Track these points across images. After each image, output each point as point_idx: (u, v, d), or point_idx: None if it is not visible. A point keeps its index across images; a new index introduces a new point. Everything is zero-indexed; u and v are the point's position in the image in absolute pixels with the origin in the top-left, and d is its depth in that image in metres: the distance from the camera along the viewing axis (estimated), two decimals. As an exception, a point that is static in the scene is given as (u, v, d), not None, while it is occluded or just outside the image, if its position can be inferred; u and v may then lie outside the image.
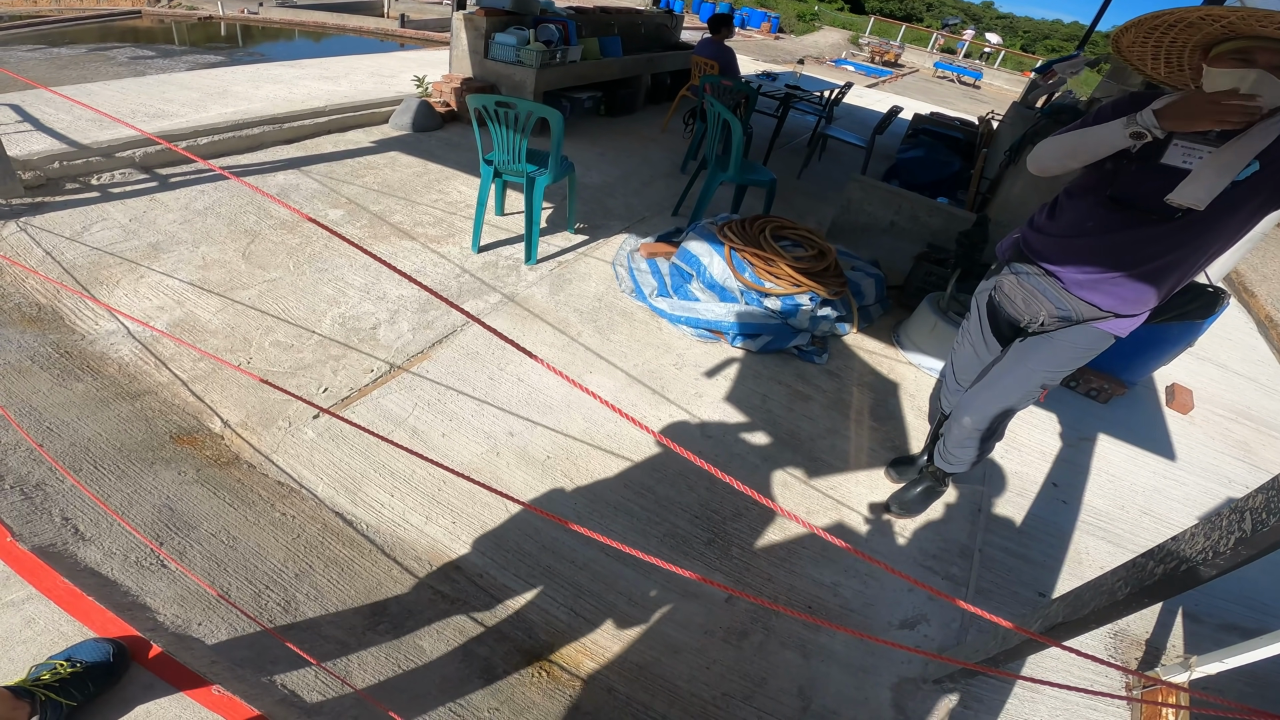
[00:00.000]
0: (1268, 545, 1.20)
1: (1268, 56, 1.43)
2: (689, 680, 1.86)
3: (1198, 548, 1.30)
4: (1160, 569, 1.37)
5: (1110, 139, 1.69)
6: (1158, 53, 1.70)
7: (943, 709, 1.92)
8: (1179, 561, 1.33)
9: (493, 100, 3.15)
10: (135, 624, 1.48)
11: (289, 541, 1.93)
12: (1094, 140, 1.74)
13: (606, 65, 6.78)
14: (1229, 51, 1.51)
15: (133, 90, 4.72)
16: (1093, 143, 1.75)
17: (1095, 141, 1.74)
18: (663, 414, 2.78)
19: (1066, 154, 1.83)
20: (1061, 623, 1.59)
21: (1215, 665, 1.91)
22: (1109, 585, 1.51)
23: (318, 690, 1.54)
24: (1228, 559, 1.25)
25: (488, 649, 1.80)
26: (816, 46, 23.25)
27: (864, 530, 2.48)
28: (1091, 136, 1.75)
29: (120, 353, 2.54)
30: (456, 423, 2.50)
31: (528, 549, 2.10)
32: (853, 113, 10.29)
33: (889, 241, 4.52)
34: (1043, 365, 2.07)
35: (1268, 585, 2.66)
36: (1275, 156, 1.53)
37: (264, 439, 2.28)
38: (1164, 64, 1.73)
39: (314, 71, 6.09)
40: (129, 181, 3.73)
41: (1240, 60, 1.48)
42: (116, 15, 11.89)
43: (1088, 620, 1.54)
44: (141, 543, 1.74)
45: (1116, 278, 1.83)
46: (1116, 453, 3.30)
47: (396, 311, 3.03)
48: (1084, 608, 1.54)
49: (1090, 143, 1.76)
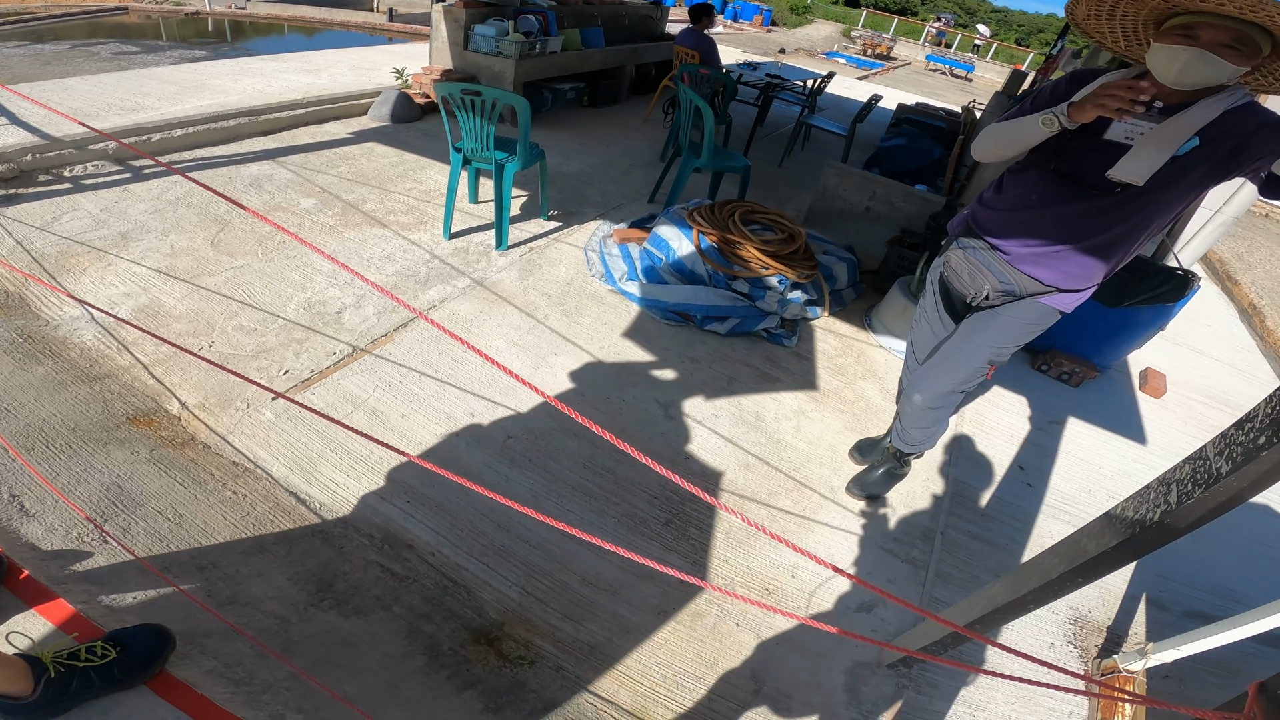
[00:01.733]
0: (1194, 518, 1.16)
1: (1211, 33, 1.43)
2: (640, 661, 1.86)
3: (1127, 521, 1.27)
4: (1093, 545, 1.34)
5: (1032, 131, 1.72)
6: (1114, 25, 1.71)
7: (896, 694, 1.91)
8: (1111, 537, 1.30)
9: (459, 88, 3.15)
10: (68, 597, 1.48)
11: (238, 519, 1.93)
12: (1018, 132, 1.77)
13: (589, 56, 6.77)
14: (1175, 27, 1.50)
15: (110, 85, 4.71)
16: (1016, 134, 1.78)
17: (1019, 133, 1.77)
18: (626, 396, 2.79)
19: (999, 143, 1.86)
20: (1003, 605, 1.56)
21: (1170, 653, 1.89)
22: (1046, 564, 1.48)
23: (249, 662, 1.55)
24: (1155, 533, 1.21)
25: (434, 626, 1.81)
26: (809, 39, 23.23)
27: (826, 513, 2.48)
28: (1015, 129, 1.78)
29: (83, 337, 2.54)
30: (417, 404, 2.50)
31: (483, 528, 2.10)
32: (841, 104, 10.30)
33: (864, 227, 4.53)
34: (989, 341, 2.07)
35: (1234, 571, 2.67)
36: (1214, 133, 1.54)
37: (221, 420, 2.28)
38: (1122, 37, 1.73)
39: (295, 65, 6.07)
40: (101, 173, 3.73)
41: (1184, 37, 1.48)
42: (103, 11, 11.83)
43: (1026, 601, 1.51)
44: (84, 519, 1.75)
45: (1060, 251, 1.84)
46: (1086, 436, 3.31)
47: (363, 296, 3.03)
48: (1023, 587, 1.52)
49: (1015, 134, 1.79)
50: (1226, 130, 1.52)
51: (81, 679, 1.29)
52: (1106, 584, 2.45)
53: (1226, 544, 2.80)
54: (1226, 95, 1.53)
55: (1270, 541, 2.91)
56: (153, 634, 1.43)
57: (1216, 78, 1.47)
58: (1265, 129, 1.48)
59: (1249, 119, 1.51)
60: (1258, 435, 1.04)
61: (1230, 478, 1.07)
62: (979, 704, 1.95)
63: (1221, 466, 1.09)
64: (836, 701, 1.86)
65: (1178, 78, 1.51)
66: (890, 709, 1.87)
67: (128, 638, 1.39)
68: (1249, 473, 1.05)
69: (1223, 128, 1.52)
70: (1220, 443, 1.13)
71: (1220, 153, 1.54)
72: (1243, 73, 1.47)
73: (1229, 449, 1.10)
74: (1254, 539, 2.89)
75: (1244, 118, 1.51)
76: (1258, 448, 1.03)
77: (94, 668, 1.30)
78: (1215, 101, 1.53)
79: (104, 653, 1.33)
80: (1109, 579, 2.46)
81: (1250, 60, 1.44)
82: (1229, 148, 1.53)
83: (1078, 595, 2.36)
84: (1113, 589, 2.45)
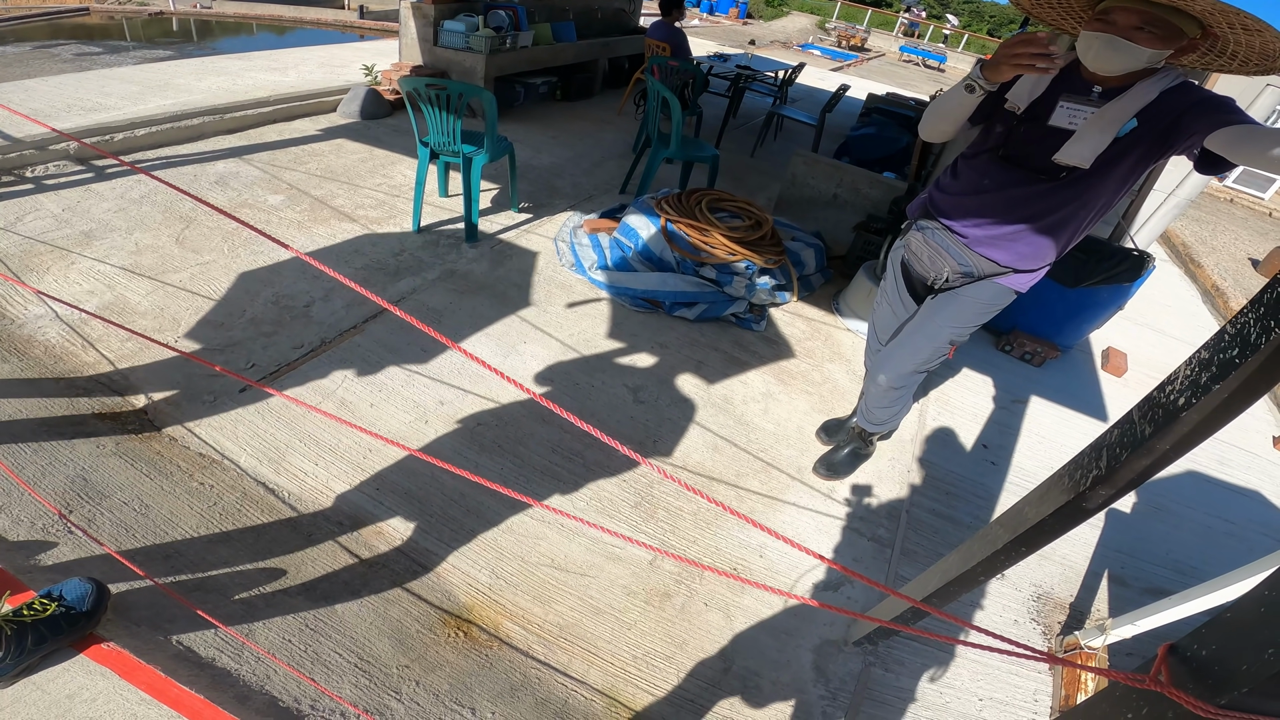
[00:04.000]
0: (1124, 482, 1.17)
1: (1124, 17, 1.50)
2: (610, 641, 1.89)
3: (1064, 488, 1.29)
4: (1034, 513, 1.36)
5: (959, 100, 1.77)
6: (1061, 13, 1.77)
7: (862, 671, 1.95)
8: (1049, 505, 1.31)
9: (423, 82, 3.15)
10: (33, 585, 1.49)
11: (204, 510, 1.94)
12: (948, 103, 1.83)
13: (561, 50, 6.77)
14: (1099, 13, 1.57)
15: (71, 86, 4.65)
16: (948, 106, 1.83)
17: (950, 104, 1.82)
18: (595, 381, 2.82)
19: (937, 117, 1.91)
20: (955, 577, 1.59)
21: (1129, 629, 1.95)
22: (993, 534, 1.51)
23: (215, 648, 1.57)
24: (1091, 500, 1.23)
25: (402, 610, 1.83)
26: (785, 31, 23.31)
27: (794, 493, 2.52)
28: (947, 100, 1.83)
29: (48, 335, 2.52)
30: (386, 393, 2.52)
31: (452, 514, 2.12)
32: (814, 94, 10.38)
33: (833, 213, 4.59)
34: (949, 321, 2.13)
35: (1193, 547, 2.74)
36: (1152, 114, 1.60)
37: (187, 413, 2.28)
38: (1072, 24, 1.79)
39: (261, 63, 6.02)
40: (64, 173, 3.68)
41: (1102, 23, 1.55)
42: (64, 13, 11.61)
43: (976, 572, 1.54)
44: (49, 510, 1.75)
45: (1013, 233, 1.89)
46: (1048, 415, 3.38)
47: (331, 289, 3.03)
48: (972, 558, 1.54)
49: (947, 106, 1.84)
50: (1162, 110, 1.58)
51: (34, 633, 1.38)
52: (1069, 561, 2.51)
53: (1187, 519, 2.88)
54: (1161, 77, 1.60)
55: (1230, 516, 2.98)
56: (82, 584, 1.50)
57: (1133, 62, 1.53)
58: (1197, 107, 1.53)
59: (1183, 98, 1.57)
60: (1177, 397, 1.06)
61: (1153, 440, 1.09)
62: (946, 681, 1.99)
63: (1145, 429, 1.11)
64: (805, 679, 1.90)
65: (1095, 63, 1.60)
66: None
67: (60, 591, 1.47)
68: (1170, 434, 1.07)
69: (1159, 108, 1.58)
70: (1145, 406, 1.15)
71: (1156, 132, 1.60)
72: (1165, 55, 1.53)
73: (1152, 411, 1.11)
74: (1214, 514, 2.97)
75: (1178, 98, 1.57)
76: (1177, 409, 1.05)
77: (41, 620, 1.39)
78: (1151, 84, 1.60)
79: (43, 606, 1.41)
80: (1071, 556, 2.53)
81: (1168, 42, 1.50)
82: (1164, 127, 1.59)
83: (1040, 572, 2.43)
84: (1075, 566, 2.51)
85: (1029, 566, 2.39)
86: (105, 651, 1.45)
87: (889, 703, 1.90)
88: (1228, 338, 0.97)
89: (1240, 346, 0.94)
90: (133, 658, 1.43)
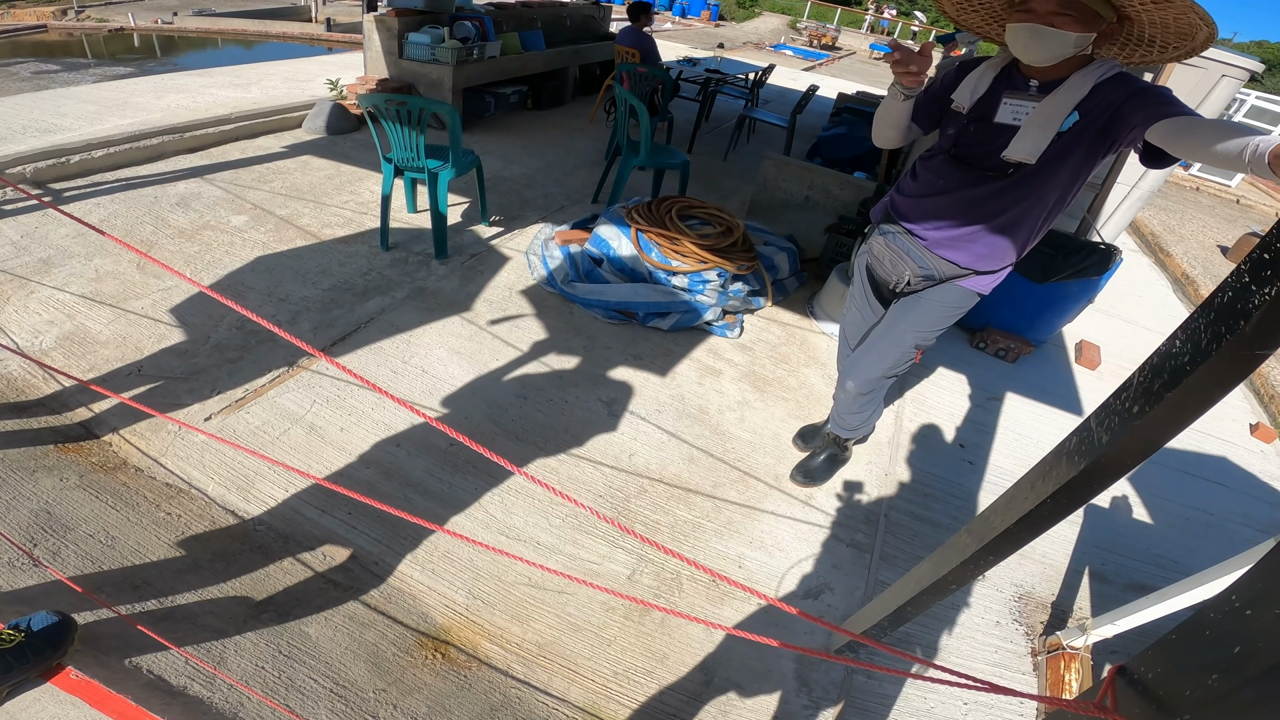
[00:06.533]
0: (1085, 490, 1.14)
1: (1043, 4, 1.52)
2: (590, 658, 1.88)
3: (1027, 496, 1.25)
4: (1000, 521, 1.33)
5: (891, 104, 1.85)
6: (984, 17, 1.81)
7: (845, 679, 1.95)
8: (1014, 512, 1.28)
9: (383, 98, 3.12)
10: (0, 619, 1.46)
11: (172, 540, 1.90)
12: (885, 109, 1.90)
13: (530, 59, 6.75)
14: (1018, 5, 1.59)
15: (26, 105, 4.55)
16: (885, 111, 1.91)
17: (886, 110, 1.90)
18: (569, 396, 2.80)
19: (878, 123, 1.98)
20: (928, 585, 1.55)
21: (1109, 628, 1.95)
22: (962, 543, 1.48)
23: (187, 676, 1.54)
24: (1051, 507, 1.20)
25: (377, 634, 1.80)
26: (757, 32, 23.46)
27: (772, 501, 2.51)
28: (884, 107, 1.90)
29: (9, 368, 2.47)
30: (356, 416, 2.48)
31: (425, 534, 2.10)
32: (786, 95, 10.41)
33: (805, 216, 4.60)
34: (914, 325, 2.13)
35: (1174, 541, 2.75)
36: (1091, 106, 1.61)
37: (152, 443, 2.24)
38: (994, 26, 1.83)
39: (223, 80, 5.93)
40: (20, 198, 3.60)
41: (1022, 13, 1.57)
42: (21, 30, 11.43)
43: (948, 581, 1.51)
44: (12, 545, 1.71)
45: (970, 233, 1.90)
46: (1024, 411, 3.40)
47: (298, 312, 2.99)
48: (944, 567, 1.51)
49: (884, 112, 1.91)
50: (1102, 103, 1.59)
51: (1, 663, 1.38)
52: (1049, 559, 2.52)
53: (1166, 512, 2.90)
54: (1096, 68, 1.61)
55: (1209, 507, 3.00)
56: (49, 615, 1.49)
57: (1059, 47, 1.54)
58: (1134, 98, 1.54)
59: (1119, 90, 1.58)
60: (1131, 404, 1.03)
61: (1109, 449, 1.06)
62: (929, 685, 1.98)
63: (1102, 437, 1.09)
64: (787, 689, 1.89)
65: (1024, 54, 1.62)
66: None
67: (28, 623, 1.47)
68: (1126, 442, 1.04)
69: (1097, 101, 1.60)
70: (1101, 414, 1.12)
71: (1098, 125, 1.62)
72: (1089, 40, 1.54)
73: (1108, 419, 1.08)
74: (1193, 505, 2.99)
75: (1115, 89, 1.58)
76: (1131, 416, 1.02)
77: (7, 650, 1.39)
78: (1086, 74, 1.61)
79: (10, 637, 1.42)
80: (1051, 554, 2.54)
81: (1089, 26, 1.51)
82: (1105, 119, 1.60)
83: (1021, 572, 2.43)
84: (1055, 564, 2.52)
85: (1009, 566, 2.39)
86: (75, 682, 1.44)
87: (872, 710, 1.90)
88: (1179, 344, 0.96)
89: (1192, 353, 0.93)
90: (103, 688, 1.42)
